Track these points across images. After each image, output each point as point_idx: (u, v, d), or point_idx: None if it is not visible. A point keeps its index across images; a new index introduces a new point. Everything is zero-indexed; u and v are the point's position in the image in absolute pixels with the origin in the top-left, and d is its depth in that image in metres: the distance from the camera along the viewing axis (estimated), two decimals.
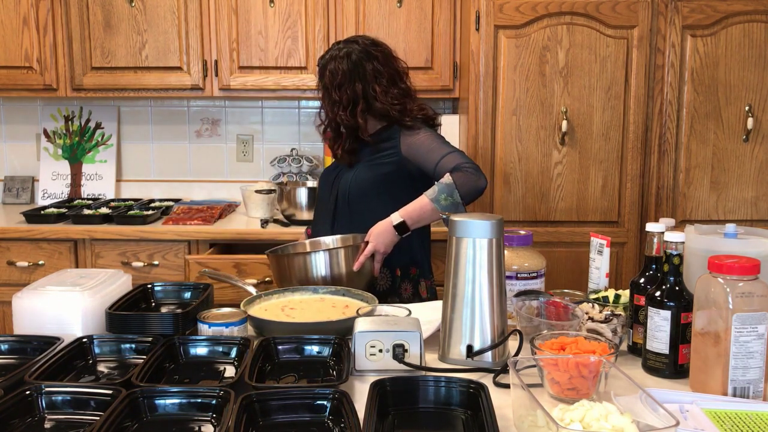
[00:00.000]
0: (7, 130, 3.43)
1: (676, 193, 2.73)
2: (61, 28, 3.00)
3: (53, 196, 3.35)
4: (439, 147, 2.04)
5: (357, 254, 1.91)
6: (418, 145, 2.06)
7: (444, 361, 1.42)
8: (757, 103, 2.68)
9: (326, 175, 2.27)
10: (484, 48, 2.66)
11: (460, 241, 1.40)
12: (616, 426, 0.98)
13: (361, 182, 2.11)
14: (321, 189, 2.28)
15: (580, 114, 2.69)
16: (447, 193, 1.92)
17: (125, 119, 3.42)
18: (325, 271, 1.87)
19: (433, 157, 2.02)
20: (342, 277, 1.88)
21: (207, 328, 1.44)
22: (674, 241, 1.32)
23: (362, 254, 1.91)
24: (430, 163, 2.02)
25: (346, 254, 1.89)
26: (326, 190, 2.22)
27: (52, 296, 1.48)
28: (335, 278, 1.87)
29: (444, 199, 1.92)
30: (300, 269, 1.87)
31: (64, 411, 1.14)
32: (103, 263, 2.82)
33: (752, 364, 1.19)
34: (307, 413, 1.13)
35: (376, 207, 2.06)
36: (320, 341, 1.42)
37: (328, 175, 2.25)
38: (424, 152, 2.05)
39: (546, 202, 2.73)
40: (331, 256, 1.88)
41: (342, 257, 1.89)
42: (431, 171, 2.02)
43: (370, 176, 2.10)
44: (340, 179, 2.17)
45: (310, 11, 2.97)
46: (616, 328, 1.44)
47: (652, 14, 2.64)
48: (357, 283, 1.87)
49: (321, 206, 2.26)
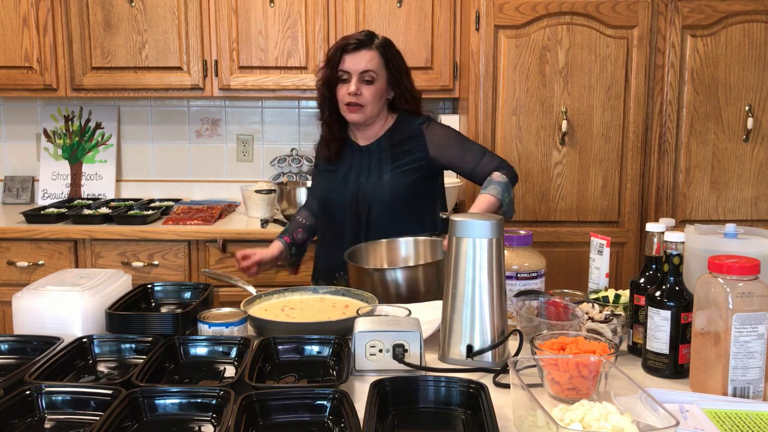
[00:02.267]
0: (7, 130, 3.43)
1: (676, 193, 2.73)
2: (61, 28, 3.00)
3: (53, 196, 3.35)
4: (470, 144, 2.10)
5: None
6: (448, 144, 2.07)
7: (444, 361, 1.42)
8: (757, 103, 2.68)
9: (334, 188, 2.11)
10: (484, 48, 2.66)
11: (460, 241, 1.39)
12: (616, 426, 0.98)
13: (399, 189, 2.05)
14: (328, 205, 2.14)
15: (580, 114, 2.69)
16: (507, 191, 1.97)
17: (125, 119, 3.42)
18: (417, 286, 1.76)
19: (471, 155, 2.06)
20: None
21: (207, 328, 1.44)
22: (674, 241, 1.32)
23: None
24: (469, 163, 2.05)
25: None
26: (342, 205, 2.09)
27: (52, 296, 1.48)
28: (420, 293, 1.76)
29: (507, 197, 1.96)
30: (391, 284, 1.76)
31: (64, 411, 1.14)
32: (103, 263, 2.82)
33: (752, 364, 1.19)
34: (307, 413, 1.12)
35: (412, 214, 2.06)
36: (320, 341, 1.42)
37: (338, 189, 2.10)
38: (459, 151, 2.07)
39: (546, 202, 2.73)
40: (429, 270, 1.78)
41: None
42: (469, 170, 2.06)
43: (406, 181, 2.05)
44: (364, 191, 2.06)
45: (310, 11, 2.97)
46: (616, 328, 1.44)
47: (652, 14, 2.64)
48: None
49: (333, 224, 2.12)
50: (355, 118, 2.06)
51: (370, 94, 2.04)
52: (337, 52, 2.05)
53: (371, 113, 2.07)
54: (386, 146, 2.10)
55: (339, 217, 2.11)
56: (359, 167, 2.11)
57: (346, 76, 2.05)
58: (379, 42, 2.06)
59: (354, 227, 2.08)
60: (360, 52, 2.03)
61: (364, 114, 2.06)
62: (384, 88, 2.08)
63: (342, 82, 2.06)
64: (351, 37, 2.07)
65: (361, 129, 2.13)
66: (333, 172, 2.15)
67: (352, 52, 2.03)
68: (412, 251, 1.99)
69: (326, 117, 2.13)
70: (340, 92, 2.06)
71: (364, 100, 2.04)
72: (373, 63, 2.04)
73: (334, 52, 2.06)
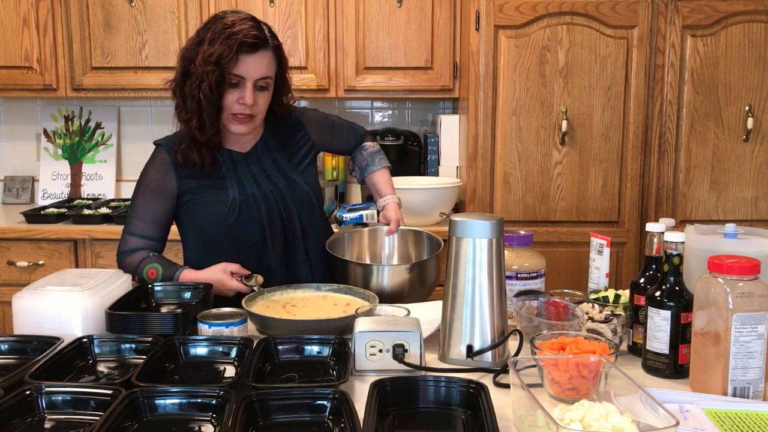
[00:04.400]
0: (7, 130, 3.43)
1: (676, 193, 2.73)
2: (61, 28, 3.00)
3: (53, 196, 3.35)
4: (334, 119, 2.07)
5: None
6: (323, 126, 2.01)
7: (444, 361, 1.42)
8: (757, 103, 2.68)
9: (233, 207, 1.77)
10: (484, 48, 2.66)
11: (460, 241, 1.39)
12: (616, 426, 0.98)
13: (315, 186, 1.92)
14: (231, 228, 1.78)
15: (580, 114, 2.69)
16: (383, 154, 2.07)
17: (125, 119, 3.42)
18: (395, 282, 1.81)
19: (345, 132, 2.06)
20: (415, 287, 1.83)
21: (207, 328, 1.44)
22: (674, 241, 1.32)
23: (395, 223, 1.94)
24: (347, 140, 2.07)
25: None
26: (257, 223, 1.79)
27: (52, 296, 1.48)
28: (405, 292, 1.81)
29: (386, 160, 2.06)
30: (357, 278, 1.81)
31: (64, 411, 1.14)
32: (103, 263, 2.82)
33: (752, 364, 1.19)
34: (307, 413, 1.12)
35: (322, 209, 1.99)
36: (320, 341, 1.42)
37: (244, 207, 1.78)
38: (337, 130, 2.05)
39: (546, 202, 2.73)
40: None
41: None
42: (350, 147, 2.09)
43: (313, 175, 1.95)
44: (283, 199, 1.82)
45: (310, 11, 2.96)
46: (616, 328, 1.44)
47: (652, 14, 2.64)
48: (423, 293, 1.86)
49: (244, 248, 1.79)
50: (244, 130, 1.77)
51: (264, 103, 1.77)
52: (231, 51, 1.67)
53: (259, 121, 1.81)
54: (274, 146, 1.88)
55: (254, 237, 1.80)
56: (249, 177, 1.82)
57: (238, 80, 1.71)
58: (274, 42, 1.77)
59: (280, 245, 1.83)
60: (257, 53, 1.71)
61: (254, 124, 1.78)
62: (272, 92, 1.81)
63: (231, 87, 1.72)
64: (245, 33, 1.69)
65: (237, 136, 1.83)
66: (210, 190, 1.78)
67: (249, 53, 1.70)
68: (396, 243, 2.05)
69: (202, 122, 1.73)
70: (229, 99, 1.72)
71: (257, 110, 1.76)
72: (270, 68, 1.75)
73: (226, 50, 1.67)
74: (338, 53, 2.98)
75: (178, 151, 1.80)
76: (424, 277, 1.84)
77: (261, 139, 1.88)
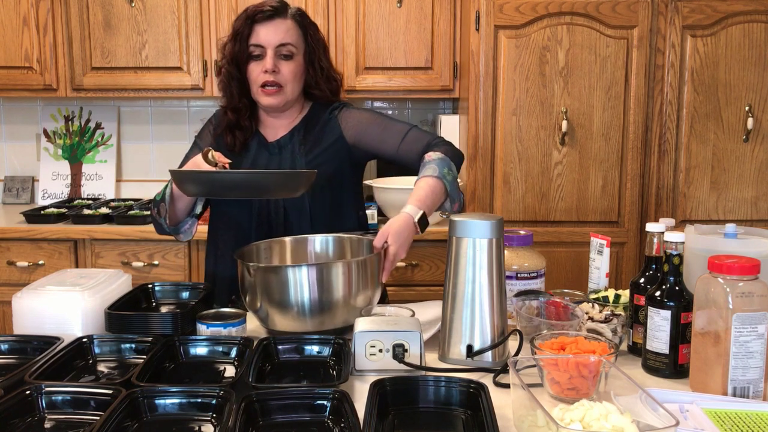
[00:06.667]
0: (7, 130, 3.43)
1: (676, 193, 2.73)
2: (61, 28, 3.00)
3: (53, 196, 3.35)
4: (393, 123, 1.81)
5: (380, 264, 1.54)
6: (364, 125, 1.81)
7: (444, 361, 1.42)
8: (757, 103, 2.68)
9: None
10: (484, 48, 2.66)
11: (460, 241, 1.40)
12: (616, 426, 0.98)
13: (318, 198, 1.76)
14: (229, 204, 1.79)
15: (580, 114, 2.69)
16: (447, 167, 1.68)
17: (125, 119, 3.42)
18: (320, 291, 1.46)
19: (392, 134, 1.78)
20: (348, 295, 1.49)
21: (205, 328, 1.44)
22: (674, 241, 1.32)
23: (389, 262, 1.56)
24: (390, 143, 1.77)
25: (360, 267, 1.51)
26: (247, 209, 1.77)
27: (52, 296, 1.48)
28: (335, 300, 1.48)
29: (448, 174, 1.67)
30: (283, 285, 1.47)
31: (64, 411, 1.14)
32: (103, 263, 2.82)
33: (752, 364, 1.19)
34: (307, 413, 1.12)
35: (332, 212, 1.81)
36: (320, 341, 1.42)
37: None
38: (378, 130, 1.79)
39: (546, 202, 2.73)
40: (347, 268, 1.49)
41: (356, 270, 1.50)
42: (392, 152, 1.78)
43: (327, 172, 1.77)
44: None
45: (310, 11, 2.96)
46: (616, 328, 1.44)
47: (652, 14, 2.64)
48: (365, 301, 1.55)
49: (232, 227, 1.79)
50: (273, 102, 1.75)
51: (290, 72, 1.74)
52: (246, 22, 1.72)
53: (291, 95, 1.77)
54: (298, 140, 1.82)
55: (241, 220, 1.80)
56: (263, 166, 1.81)
57: (259, 51, 1.73)
58: (294, 11, 1.77)
59: (264, 233, 1.78)
60: (274, 21, 1.73)
61: (284, 96, 1.76)
62: (303, 66, 1.77)
63: (254, 59, 1.74)
64: (262, 5, 1.74)
65: (273, 117, 1.83)
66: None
67: (264, 22, 1.72)
68: (329, 250, 1.74)
69: (235, 102, 1.79)
70: (254, 72, 1.74)
71: (284, 79, 1.74)
72: (291, 35, 1.74)
73: (242, 22, 1.73)
74: (338, 53, 2.98)
75: (217, 128, 1.88)
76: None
77: (292, 131, 1.84)
